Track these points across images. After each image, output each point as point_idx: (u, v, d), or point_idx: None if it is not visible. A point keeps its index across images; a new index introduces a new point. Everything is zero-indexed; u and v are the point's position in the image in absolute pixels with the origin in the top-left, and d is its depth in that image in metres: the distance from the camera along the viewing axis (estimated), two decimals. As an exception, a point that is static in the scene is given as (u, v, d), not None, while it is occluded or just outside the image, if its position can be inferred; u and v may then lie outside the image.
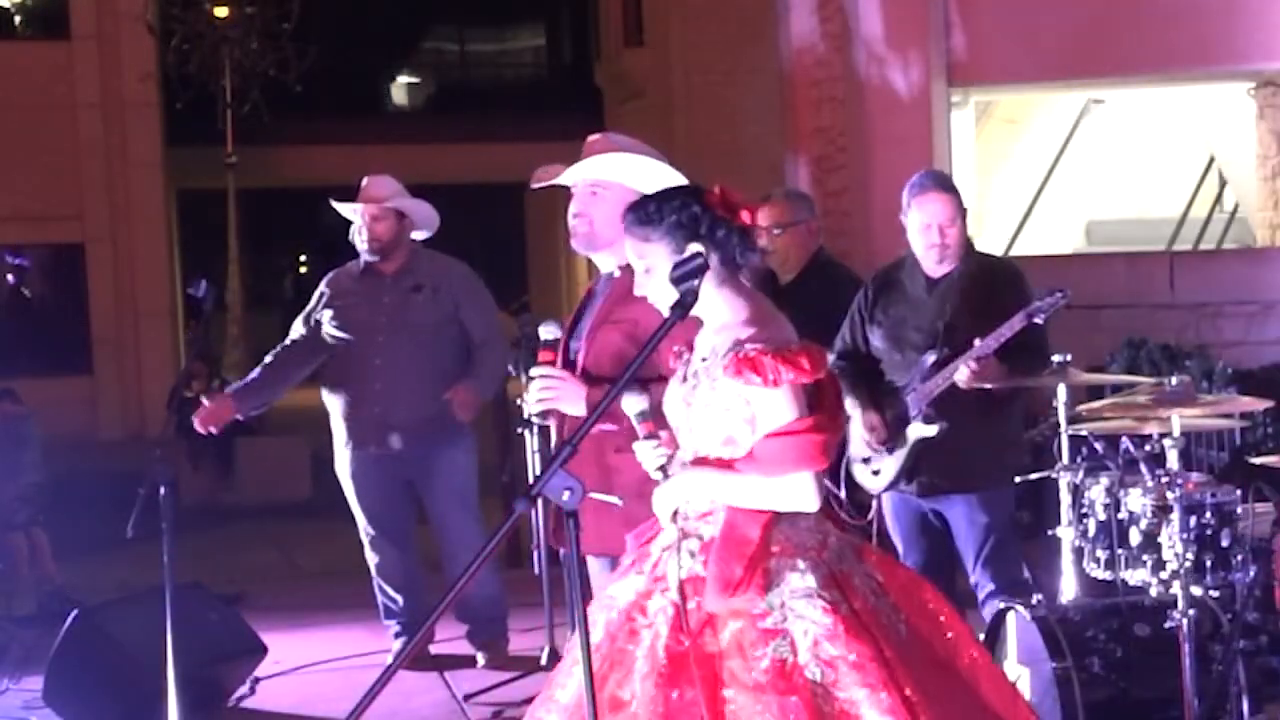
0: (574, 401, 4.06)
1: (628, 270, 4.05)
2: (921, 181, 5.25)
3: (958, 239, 5.18)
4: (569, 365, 4.17)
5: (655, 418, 3.52)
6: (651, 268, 3.43)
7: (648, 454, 3.51)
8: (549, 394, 4.08)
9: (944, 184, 5.27)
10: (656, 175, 4.09)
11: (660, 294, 3.42)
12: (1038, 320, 4.93)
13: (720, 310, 3.37)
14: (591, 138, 4.31)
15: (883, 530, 5.40)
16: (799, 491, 3.29)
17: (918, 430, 5.13)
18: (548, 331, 4.13)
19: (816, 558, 3.26)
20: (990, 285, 5.16)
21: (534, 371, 4.12)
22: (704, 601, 3.22)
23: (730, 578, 3.20)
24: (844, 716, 3.10)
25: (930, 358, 5.11)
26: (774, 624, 3.18)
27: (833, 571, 3.25)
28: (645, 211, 3.43)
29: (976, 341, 4.98)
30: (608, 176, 4.16)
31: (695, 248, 3.35)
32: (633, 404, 3.52)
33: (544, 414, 4.15)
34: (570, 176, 4.22)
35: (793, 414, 3.27)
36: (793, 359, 3.24)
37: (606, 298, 4.19)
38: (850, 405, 5.26)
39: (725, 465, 3.33)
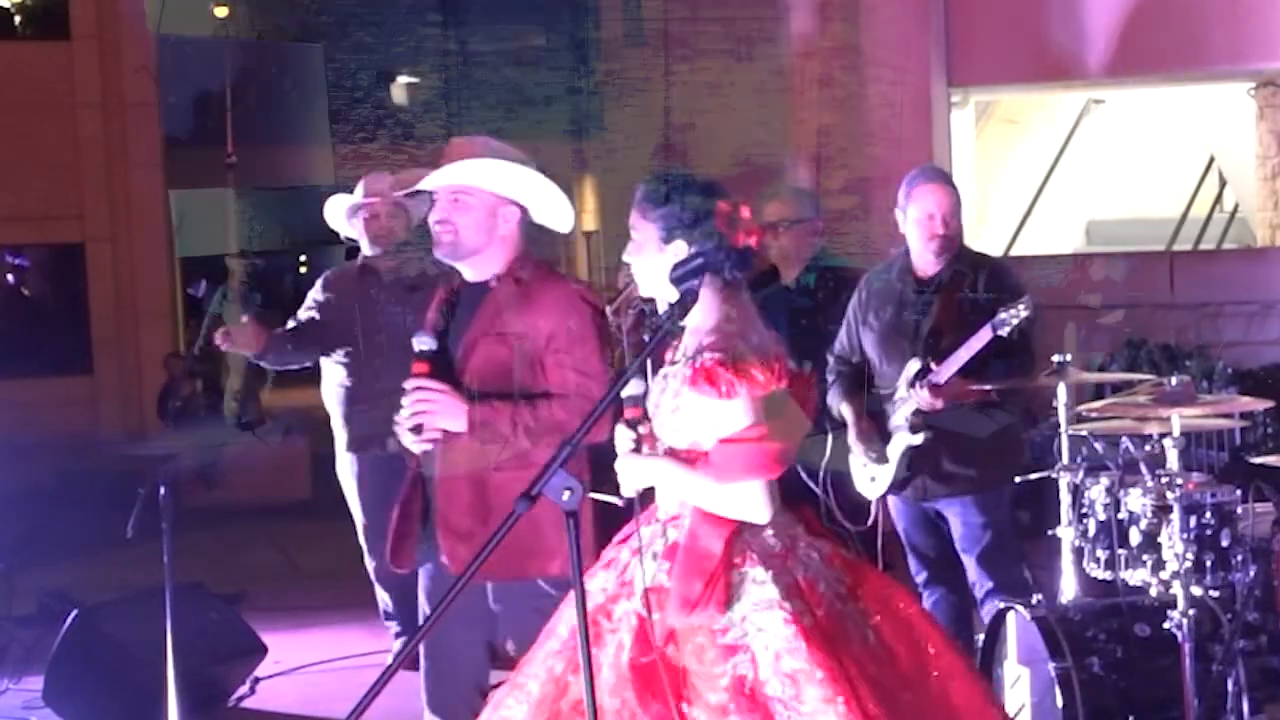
0: (454, 416, 3.90)
1: (503, 281, 4.02)
2: (920, 174, 5.25)
3: (957, 232, 5.17)
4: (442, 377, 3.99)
5: (644, 405, 3.50)
6: (640, 244, 3.47)
7: (622, 436, 3.49)
8: (426, 407, 3.90)
9: (943, 176, 5.28)
10: (524, 180, 4.00)
11: (641, 271, 3.48)
12: (1001, 333, 4.88)
13: (695, 311, 3.37)
14: (457, 140, 4.14)
15: (889, 533, 5.38)
16: (749, 501, 3.28)
17: (904, 439, 5.11)
18: (421, 343, 3.95)
19: (780, 565, 3.24)
20: (976, 287, 5.13)
21: (409, 384, 3.91)
22: (666, 616, 3.21)
23: (690, 595, 3.19)
24: None
25: (915, 365, 5.09)
26: (734, 640, 3.16)
27: (796, 580, 3.23)
28: (655, 189, 3.45)
29: (934, 366, 4.99)
30: (472, 182, 4.00)
31: (681, 244, 3.38)
32: (630, 384, 3.48)
33: (418, 428, 3.93)
34: (433, 181, 4.04)
35: (747, 421, 3.25)
36: (746, 371, 3.23)
37: (485, 309, 4.02)
38: (847, 412, 5.27)
39: (689, 460, 3.32)
